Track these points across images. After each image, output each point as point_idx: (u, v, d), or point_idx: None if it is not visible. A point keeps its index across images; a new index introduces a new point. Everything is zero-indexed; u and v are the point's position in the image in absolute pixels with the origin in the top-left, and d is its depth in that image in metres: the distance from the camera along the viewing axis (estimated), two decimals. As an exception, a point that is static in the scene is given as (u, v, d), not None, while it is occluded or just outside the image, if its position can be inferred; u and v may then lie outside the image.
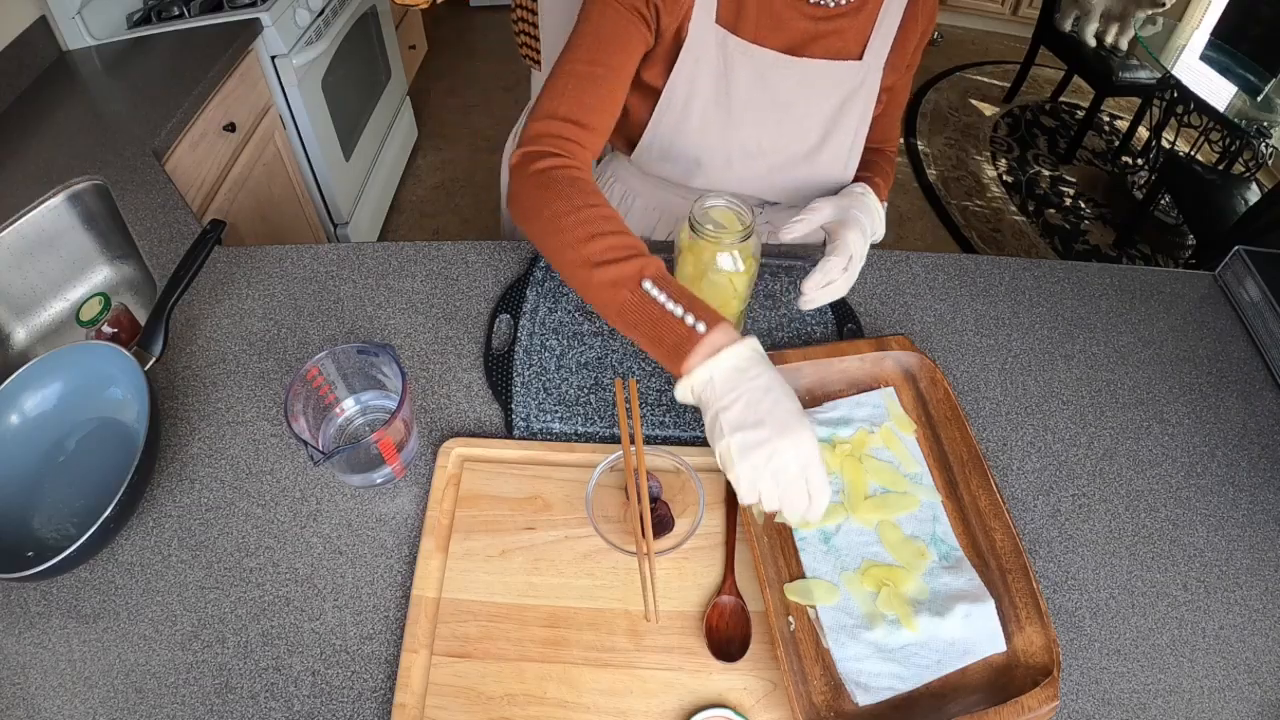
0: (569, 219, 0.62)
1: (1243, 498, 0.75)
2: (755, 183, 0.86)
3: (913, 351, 0.78)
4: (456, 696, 0.59)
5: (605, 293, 0.59)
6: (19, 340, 1.09)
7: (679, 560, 0.67)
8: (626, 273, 0.59)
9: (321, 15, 1.77)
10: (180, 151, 1.29)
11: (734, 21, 0.75)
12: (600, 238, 0.60)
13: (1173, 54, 2.40)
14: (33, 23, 1.39)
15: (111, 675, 0.62)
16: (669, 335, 0.56)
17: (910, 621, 0.61)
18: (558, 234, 0.62)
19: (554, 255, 0.63)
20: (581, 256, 0.60)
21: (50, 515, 0.71)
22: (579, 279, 0.61)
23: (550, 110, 0.68)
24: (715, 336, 0.55)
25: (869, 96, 0.81)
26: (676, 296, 0.57)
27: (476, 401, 0.80)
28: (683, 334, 0.56)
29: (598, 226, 0.61)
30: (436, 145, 2.76)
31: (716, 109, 0.80)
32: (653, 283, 0.58)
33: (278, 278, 0.92)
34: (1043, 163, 2.82)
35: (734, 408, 0.54)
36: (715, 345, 0.55)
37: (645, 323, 0.57)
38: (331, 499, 0.72)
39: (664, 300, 0.57)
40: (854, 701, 0.58)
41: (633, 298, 0.58)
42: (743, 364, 0.55)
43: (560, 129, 0.68)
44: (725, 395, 0.54)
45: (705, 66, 0.77)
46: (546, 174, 0.65)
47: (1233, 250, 0.95)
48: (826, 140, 0.83)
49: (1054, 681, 0.57)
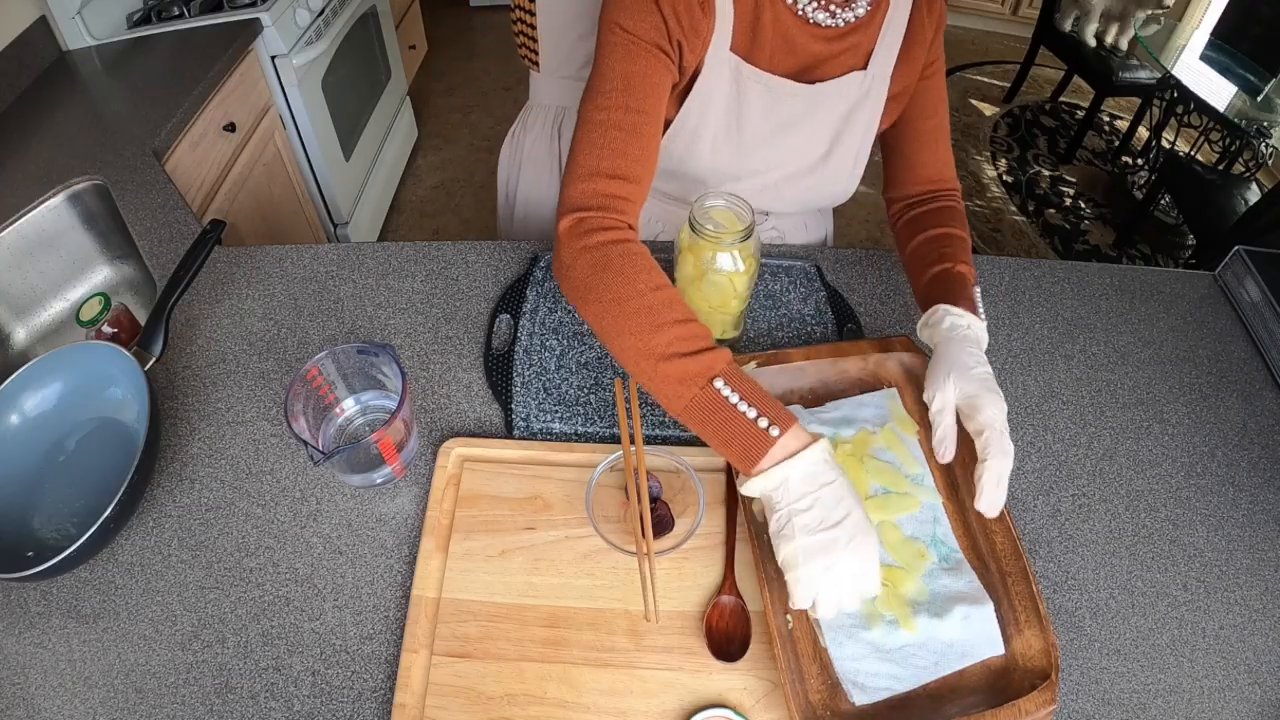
0: (632, 304, 0.59)
1: (1243, 498, 0.75)
2: (760, 196, 0.85)
3: (916, 353, 0.78)
4: (456, 696, 0.59)
5: (671, 387, 0.57)
6: (19, 340, 1.09)
7: (679, 560, 0.67)
8: (695, 369, 0.57)
9: (321, 15, 1.77)
10: (180, 151, 1.29)
11: (749, 49, 0.73)
12: (666, 328, 0.58)
13: (1173, 54, 2.40)
14: (33, 23, 1.39)
15: (111, 675, 0.62)
16: (740, 437, 0.55)
17: (909, 622, 0.61)
18: (619, 320, 0.59)
19: (613, 341, 0.60)
20: (646, 347, 0.58)
21: (50, 515, 0.71)
22: (642, 369, 0.59)
23: (593, 167, 0.64)
24: (788, 440, 0.55)
25: (874, 106, 0.79)
26: (748, 396, 0.56)
27: (476, 401, 0.80)
28: (755, 436, 0.55)
29: (663, 315, 0.58)
30: (436, 145, 2.76)
31: (727, 136, 0.79)
32: (724, 381, 0.56)
33: (278, 278, 0.92)
34: (1043, 163, 2.82)
35: (809, 512, 0.54)
36: (789, 449, 0.55)
37: (714, 422, 0.56)
38: (331, 499, 0.72)
39: (736, 401, 0.55)
40: (850, 701, 0.58)
41: (702, 395, 0.56)
42: (817, 469, 0.55)
43: (607, 187, 0.64)
44: (800, 499, 0.54)
45: (718, 95, 0.75)
46: (603, 250, 0.61)
47: (1233, 250, 0.95)
48: (831, 152, 0.82)
49: (1052, 685, 0.57)
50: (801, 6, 0.70)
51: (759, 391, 0.57)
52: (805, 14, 0.71)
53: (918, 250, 0.77)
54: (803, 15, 0.71)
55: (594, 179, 0.64)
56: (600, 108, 0.66)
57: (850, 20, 0.72)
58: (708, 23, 0.69)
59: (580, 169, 0.65)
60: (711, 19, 0.69)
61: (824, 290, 0.90)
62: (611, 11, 0.67)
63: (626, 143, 0.65)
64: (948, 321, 0.68)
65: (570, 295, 0.63)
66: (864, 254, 0.97)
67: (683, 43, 0.69)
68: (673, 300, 0.60)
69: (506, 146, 1.14)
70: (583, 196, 0.64)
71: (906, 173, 0.83)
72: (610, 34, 0.67)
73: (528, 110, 1.11)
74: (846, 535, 0.54)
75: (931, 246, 0.76)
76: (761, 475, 0.55)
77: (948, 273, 0.72)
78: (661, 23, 0.66)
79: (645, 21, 0.66)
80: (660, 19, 0.66)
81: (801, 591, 0.54)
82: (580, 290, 0.62)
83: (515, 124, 1.13)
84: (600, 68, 0.67)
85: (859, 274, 0.94)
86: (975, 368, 0.63)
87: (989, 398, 0.61)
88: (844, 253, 0.97)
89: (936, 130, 0.81)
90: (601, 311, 0.60)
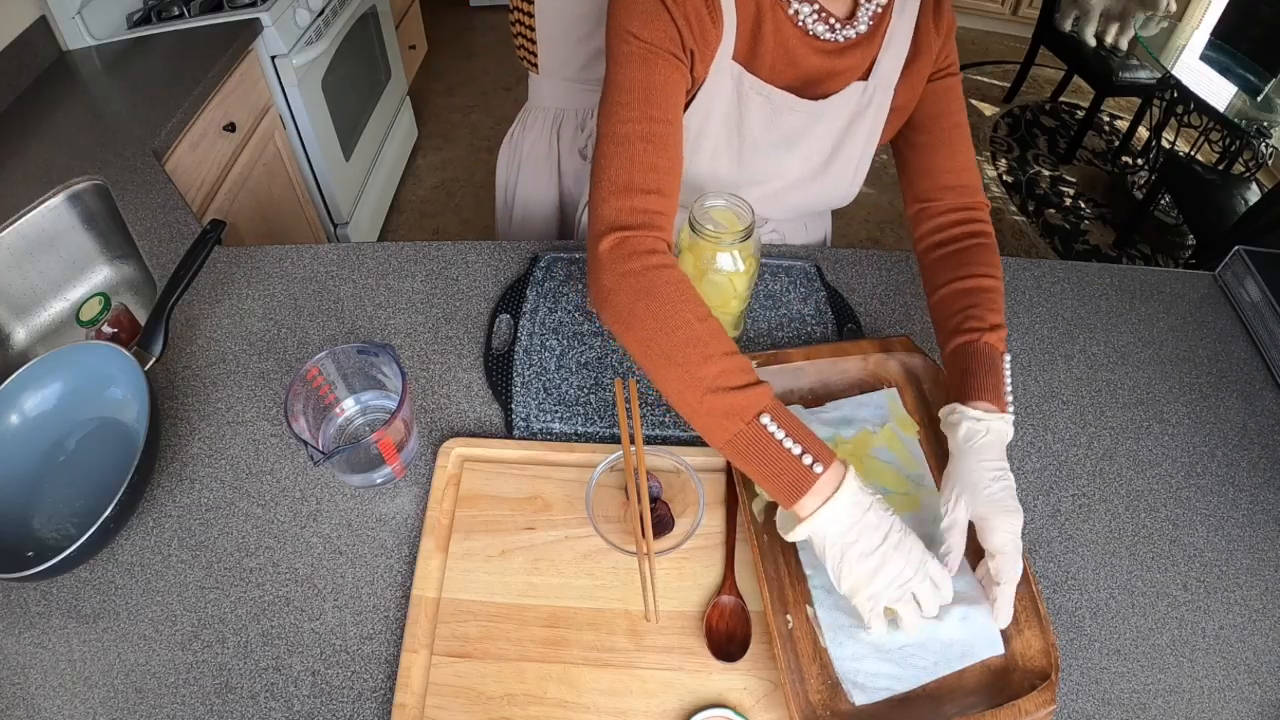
0: (680, 335, 0.58)
1: (1243, 498, 0.75)
2: (759, 204, 0.83)
3: (916, 353, 0.78)
4: (456, 696, 0.59)
5: (717, 420, 0.58)
6: (19, 340, 1.09)
7: (679, 560, 0.67)
8: (743, 404, 0.57)
9: (321, 15, 1.77)
10: (180, 151, 1.29)
11: (750, 58, 0.72)
12: (714, 360, 0.58)
13: (1173, 54, 2.40)
14: (33, 23, 1.39)
15: (111, 675, 0.62)
16: (786, 474, 0.57)
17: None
18: (667, 350, 0.59)
19: (657, 370, 0.60)
20: (694, 379, 0.58)
21: (50, 515, 0.71)
22: (687, 401, 0.58)
23: (626, 182, 0.63)
24: (830, 476, 0.57)
25: (877, 116, 0.79)
26: (793, 433, 0.57)
27: (476, 401, 0.80)
28: (801, 473, 0.56)
29: (711, 347, 0.58)
30: (436, 145, 2.76)
31: (728, 145, 0.78)
32: (771, 418, 0.57)
33: (278, 278, 0.92)
34: (1043, 163, 2.82)
35: (858, 543, 0.56)
36: (832, 485, 0.57)
37: (759, 457, 0.57)
38: (331, 499, 0.72)
39: (782, 438, 0.56)
40: (850, 701, 0.58)
41: (748, 430, 0.57)
42: (856, 499, 0.57)
43: (644, 202, 0.63)
44: (849, 532, 0.56)
45: (720, 102, 0.75)
46: (647, 276, 0.60)
47: (1233, 250, 0.95)
48: (831, 162, 0.81)
49: (1052, 685, 0.57)
50: (802, 18, 0.70)
51: (802, 428, 0.58)
52: (805, 25, 0.70)
53: (944, 303, 0.73)
54: (802, 26, 0.70)
55: (629, 194, 0.62)
56: (623, 120, 0.64)
57: (850, 37, 0.72)
58: (716, 31, 0.68)
59: (613, 184, 0.63)
60: (720, 27, 0.69)
61: (824, 290, 0.90)
62: (623, 19, 0.65)
63: (656, 155, 0.64)
64: (964, 428, 0.64)
65: (612, 321, 0.61)
66: (864, 254, 0.97)
67: (695, 51, 0.68)
68: (718, 332, 0.59)
69: (505, 147, 1.14)
70: (620, 214, 0.62)
71: (925, 179, 0.79)
72: (624, 43, 0.65)
73: (526, 111, 1.11)
74: (892, 545, 0.56)
75: (958, 303, 0.71)
76: (808, 520, 0.57)
77: (972, 348, 0.68)
78: (675, 30, 0.65)
79: (659, 29, 0.65)
80: (674, 26, 0.65)
81: (871, 608, 0.57)
82: (624, 317, 0.60)
83: (514, 125, 1.13)
84: (616, 79, 0.66)
85: (859, 274, 0.94)
86: (989, 486, 0.61)
87: (1001, 519, 0.60)
88: (844, 253, 0.97)
89: (953, 130, 0.78)
90: (647, 339, 0.59)
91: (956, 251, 0.75)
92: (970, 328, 0.69)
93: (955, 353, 0.69)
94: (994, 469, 0.62)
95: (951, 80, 0.78)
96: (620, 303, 0.60)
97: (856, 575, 0.57)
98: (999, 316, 0.70)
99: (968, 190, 0.78)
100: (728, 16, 0.69)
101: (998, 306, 0.71)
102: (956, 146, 0.78)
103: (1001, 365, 0.67)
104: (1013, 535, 0.60)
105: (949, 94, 0.78)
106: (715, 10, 0.67)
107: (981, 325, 0.68)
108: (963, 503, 0.62)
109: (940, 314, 0.73)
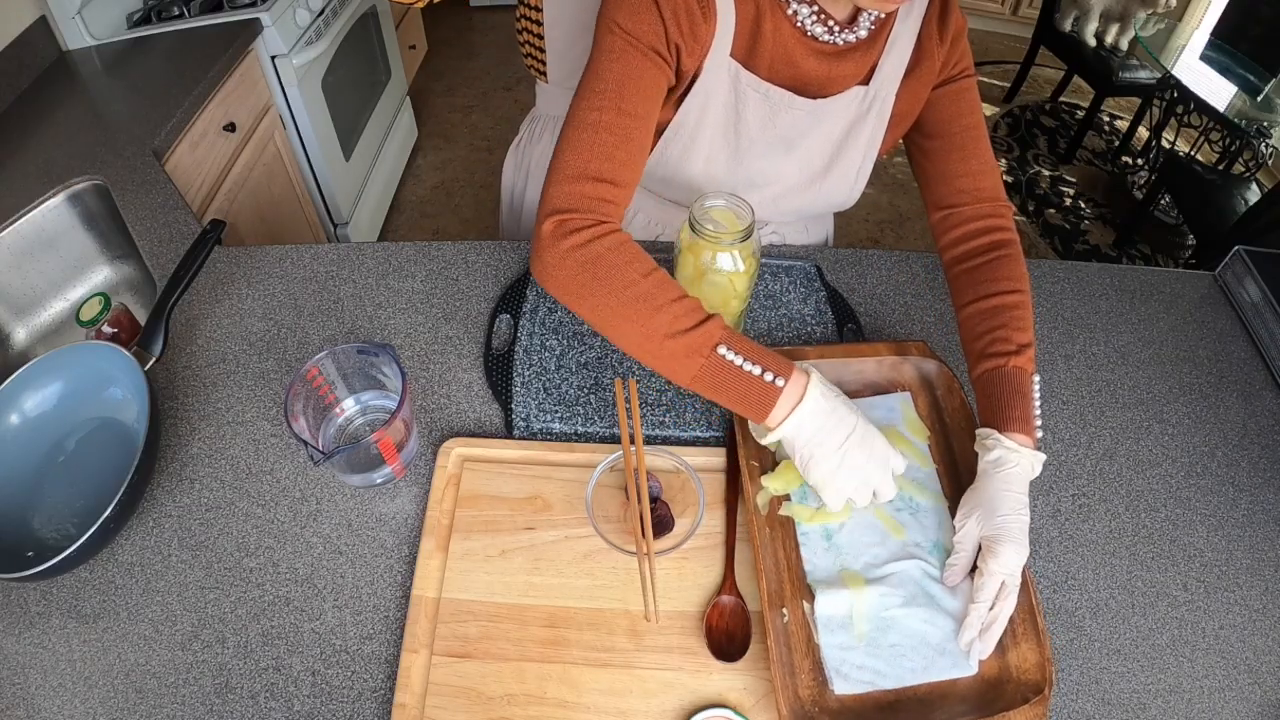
0: (629, 293, 0.60)
1: (1243, 498, 0.75)
2: (759, 209, 0.83)
3: (931, 359, 0.77)
4: (456, 696, 0.59)
5: (678, 362, 0.60)
6: (19, 340, 1.09)
7: (679, 560, 0.67)
8: (698, 341, 0.59)
9: (321, 15, 1.76)
10: (180, 151, 1.29)
11: (748, 56, 0.72)
12: (664, 309, 0.60)
13: (1173, 54, 2.40)
14: (33, 23, 1.39)
15: (111, 675, 0.62)
16: (751, 394, 0.60)
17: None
18: (618, 309, 0.61)
19: (613, 330, 0.62)
20: (649, 330, 0.60)
21: (50, 515, 0.71)
22: (647, 351, 0.61)
23: (579, 169, 0.63)
24: (793, 388, 0.60)
25: (877, 122, 0.78)
26: (749, 355, 0.60)
27: (476, 401, 0.80)
28: (764, 390, 0.60)
29: (659, 297, 0.60)
30: (436, 145, 2.76)
31: (725, 143, 0.78)
32: (727, 347, 0.59)
33: (278, 278, 0.92)
34: (1043, 163, 2.82)
35: (824, 444, 0.61)
36: (795, 395, 0.60)
37: (724, 385, 0.60)
38: (331, 499, 0.72)
39: (740, 362, 0.59)
40: (830, 688, 0.58)
41: (709, 363, 0.59)
42: (819, 404, 0.61)
43: (593, 190, 0.63)
44: (815, 434, 0.61)
45: (716, 100, 0.74)
46: (588, 247, 0.61)
47: (1233, 250, 0.95)
48: (831, 167, 0.81)
49: (1044, 700, 0.57)
50: (801, 19, 0.70)
51: (756, 348, 0.61)
52: (804, 26, 0.70)
53: (970, 323, 0.73)
54: (801, 27, 0.70)
55: (579, 181, 0.63)
56: (592, 108, 0.65)
57: (850, 41, 0.72)
58: (708, 27, 0.68)
59: (566, 170, 0.64)
60: (712, 23, 0.69)
61: (824, 290, 0.90)
62: (611, 9, 0.66)
63: (615, 146, 0.64)
64: (996, 453, 0.64)
65: (560, 295, 0.63)
66: (864, 254, 0.97)
67: (680, 46, 0.68)
68: (665, 282, 0.62)
69: (512, 155, 1.13)
70: (565, 198, 0.63)
71: (942, 185, 0.78)
72: (608, 33, 0.66)
73: (534, 119, 1.10)
74: (855, 441, 0.61)
75: (984, 324, 0.71)
76: (778, 429, 0.61)
77: (1000, 374, 0.67)
78: (660, 25, 0.66)
79: (644, 23, 0.65)
80: (659, 21, 0.65)
81: (831, 495, 0.63)
82: (572, 289, 0.62)
83: (521, 133, 1.11)
84: (595, 67, 0.66)
85: (859, 274, 0.94)
86: (1006, 515, 0.61)
87: (1007, 547, 0.60)
88: (844, 253, 0.97)
89: (966, 134, 0.77)
90: (597, 305, 0.61)
91: (979, 266, 0.75)
92: (996, 351, 0.69)
93: (983, 378, 0.69)
94: (1016, 500, 0.62)
95: (964, 83, 0.77)
96: (565, 276, 0.62)
97: (824, 469, 0.61)
98: (1026, 335, 0.69)
99: (986, 194, 0.77)
100: (725, 13, 0.69)
101: (1025, 324, 0.70)
102: (971, 150, 0.77)
103: (1030, 390, 0.67)
104: (1015, 566, 0.60)
105: (962, 98, 0.77)
106: (708, 6, 0.67)
107: (1008, 348, 0.68)
108: (975, 519, 0.63)
109: (967, 335, 0.73)
